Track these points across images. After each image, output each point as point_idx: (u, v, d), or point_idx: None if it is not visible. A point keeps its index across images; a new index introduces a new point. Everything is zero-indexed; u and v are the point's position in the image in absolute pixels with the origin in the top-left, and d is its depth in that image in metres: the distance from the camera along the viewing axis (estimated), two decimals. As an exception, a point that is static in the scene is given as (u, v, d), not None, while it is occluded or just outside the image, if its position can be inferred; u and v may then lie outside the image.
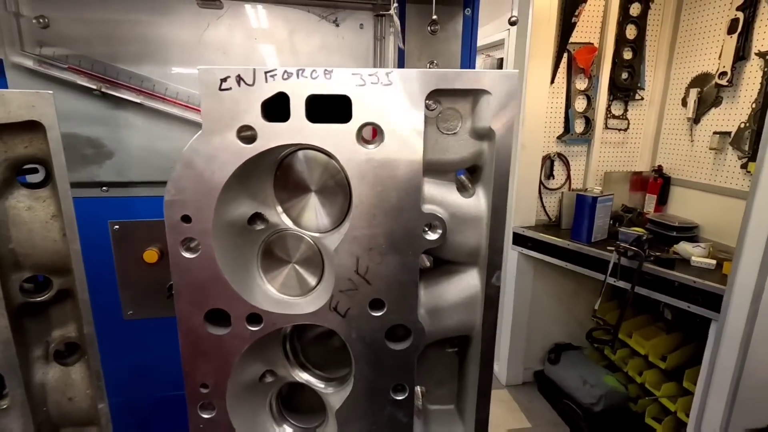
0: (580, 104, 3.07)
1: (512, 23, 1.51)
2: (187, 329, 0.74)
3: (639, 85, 3.08)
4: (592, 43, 2.99)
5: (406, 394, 0.80)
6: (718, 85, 2.66)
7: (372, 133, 0.73)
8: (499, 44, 3.25)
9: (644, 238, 2.56)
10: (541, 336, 3.35)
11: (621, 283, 2.58)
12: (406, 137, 0.70)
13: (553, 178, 3.14)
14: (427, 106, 0.71)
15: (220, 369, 0.77)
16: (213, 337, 0.75)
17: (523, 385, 3.41)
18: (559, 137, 3.09)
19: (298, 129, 0.69)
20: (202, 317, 0.74)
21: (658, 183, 3.05)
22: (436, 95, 0.71)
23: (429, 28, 1.55)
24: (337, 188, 0.76)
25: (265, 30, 1.42)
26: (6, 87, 1.31)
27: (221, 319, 0.75)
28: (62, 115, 0.71)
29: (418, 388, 0.90)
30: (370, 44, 1.51)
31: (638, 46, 3.01)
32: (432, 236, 0.74)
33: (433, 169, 0.76)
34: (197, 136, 0.69)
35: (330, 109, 0.69)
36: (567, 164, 3.14)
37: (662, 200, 3.06)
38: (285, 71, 0.67)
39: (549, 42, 2.90)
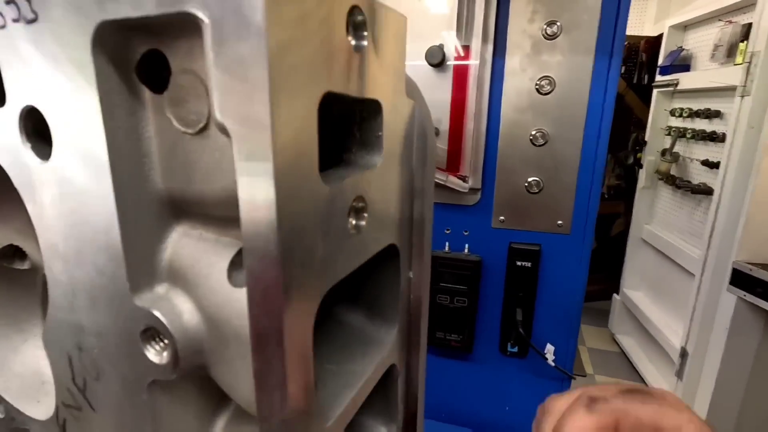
0: None
1: None
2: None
3: None
4: None
5: None
6: None
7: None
8: (747, 5, 2.11)
9: None
10: (765, 424, 2.17)
11: None
12: (83, 137, 0.27)
13: (819, 200, 1.92)
14: (114, 65, 0.26)
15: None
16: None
17: (724, 479, 2.29)
18: (840, 139, 1.86)
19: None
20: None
21: None
22: (133, 36, 0.26)
23: (551, -29, 0.97)
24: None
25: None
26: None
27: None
28: None
29: None
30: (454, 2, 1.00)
31: None
32: (153, 355, 0.30)
33: (185, 210, 0.30)
34: None
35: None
36: None
37: None
38: None
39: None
